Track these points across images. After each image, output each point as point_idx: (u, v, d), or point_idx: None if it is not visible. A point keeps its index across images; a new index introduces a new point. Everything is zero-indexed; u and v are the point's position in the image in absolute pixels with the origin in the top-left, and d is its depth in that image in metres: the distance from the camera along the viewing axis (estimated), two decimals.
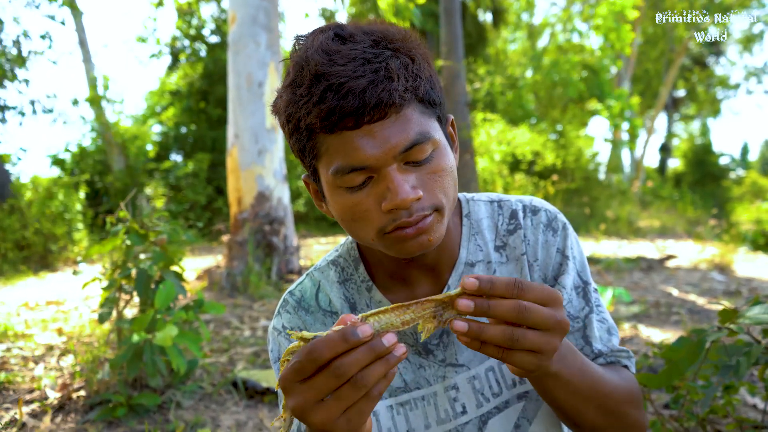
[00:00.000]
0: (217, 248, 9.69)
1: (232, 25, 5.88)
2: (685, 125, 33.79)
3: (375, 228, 0.84)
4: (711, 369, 1.97)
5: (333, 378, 0.64)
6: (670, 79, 20.91)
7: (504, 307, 0.68)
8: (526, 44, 22.19)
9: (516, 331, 0.69)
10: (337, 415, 0.65)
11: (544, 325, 0.70)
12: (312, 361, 0.64)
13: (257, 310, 4.73)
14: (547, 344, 0.70)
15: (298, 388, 0.66)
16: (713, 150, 23.04)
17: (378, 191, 0.82)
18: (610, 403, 0.90)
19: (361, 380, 0.64)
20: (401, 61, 0.80)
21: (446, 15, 10.42)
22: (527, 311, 0.68)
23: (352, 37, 0.81)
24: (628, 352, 1.04)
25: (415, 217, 0.81)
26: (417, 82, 0.81)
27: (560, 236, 1.03)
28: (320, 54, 0.79)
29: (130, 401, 2.61)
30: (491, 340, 0.69)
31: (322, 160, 0.84)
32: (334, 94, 0.76)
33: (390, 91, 0.77)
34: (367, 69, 0.77)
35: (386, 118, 0.78)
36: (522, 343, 0.69)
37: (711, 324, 1.54)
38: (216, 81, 13.48)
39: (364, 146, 0.78)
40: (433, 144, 0.83)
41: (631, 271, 6.75)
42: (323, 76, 0.77)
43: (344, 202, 0.84)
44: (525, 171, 13.05)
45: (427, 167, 0.83)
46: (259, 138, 5.74)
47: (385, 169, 0.80)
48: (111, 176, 11.65)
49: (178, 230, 2.83)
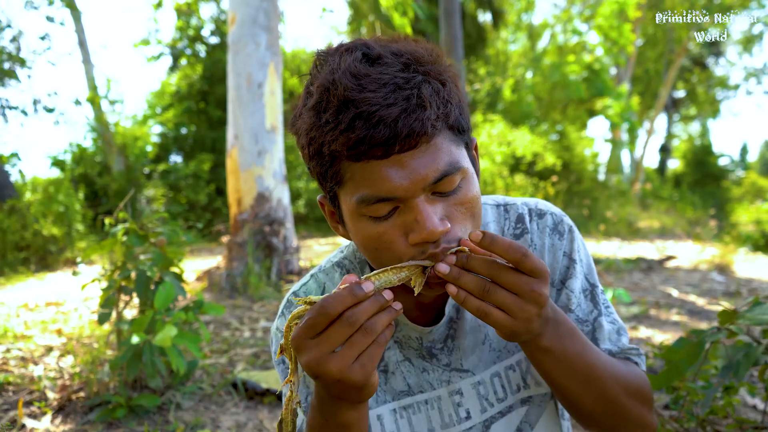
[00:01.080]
0: (217, 249, 9.68)
1: (231, 26, 5.88)
2: (684, 126, 33.78)
3: (402, 260, 0.81)
4: (711, 370, 1.97)
5: (346, 326, 0.70)
6: (669, 80, 20.91)
7: (478, 260, 0.75)
8: (527, 45, 22.20)
9: (488, 284, 0.75)
10: (352, 361, 0.71)
11: (517, 288, 0.75)
12: (325, 314, 0.70)
13: (257, 311, 4.72)
14: (519, 308, 0.75)
15: (311, 343, 0.71)
16: (713, 151, 23.10)
17: (405, 222, 0.79)
18: (611, 392, 0.90)
19: (370, 326, 0.71)
20: (432, 87, 0.77)
21: (446, 16, 10.42)
22: (500, 269, 0.75)
23: (381, 59, 0.77)
24: (638, 349, 1.03)
25: (441, 249, 0.78)
26: (448, 108, 0.78)
27: (567, 239, 1.02)
28: (348, 77, 0.75)
29: (130, 402, 2.60)
30: (466, 286, 0.75)
31: (346, 187, 0.81)
32: (364, 122, 0.73)
33: (422, 120, 0.73)
34: (399, 96, 0.73)
35: (416, 147, 0.75)
36: (492, 297, 0.75)
37: (711, 325, 1.54)
38: (216, 82, 13.48)
39: (393, 177, 0.75)
40: (462, 174, 0.80)
41: (631, 271, 6.75)
42: (352, 102, 0.73)
43: (368, 232, 0.81)
44: (525, 172, 13.05)
45: (455, 198, 0.80)
46: (258, 139, 5.74)
47: (413, 200, 0.77)
48: (110, 177, 11.65)
49: (177, 231, 2.83)
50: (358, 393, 0.74)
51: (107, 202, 11.49)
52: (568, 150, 13.75)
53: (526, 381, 1.02)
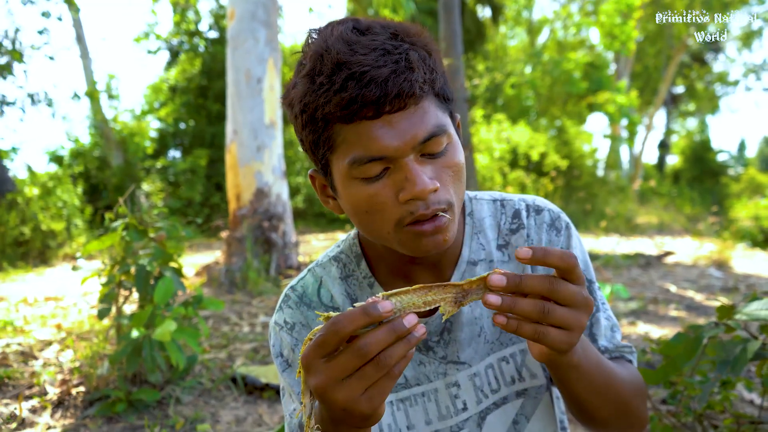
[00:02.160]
0: (216, 244, 9.68)
1: (231, 21, 5.86)
2: (683, 122, 33.78)
3: (392, 220, 0.83)
4: (708, 365, 1.98)
5: (356, 357, 0.65)
6: (668, 76, 20.89)
7: (536, 280, 0.71)
8: (525, 41, 22.17)
9: (546, 304, 0.71)
10: (359, 393, 0.67)
11: (573, 301, 0.72)
12: (334, 333, 0.66)
13: (256, 306, 4.73)
14: (576, 321, 0.73)
15: (321, 366, 0.68)
16: (712, 147, 23.05)
17: (395, 181, 0.81)
18: (621, 397, 0.92)
19: (383, 360, 0.66)
20: (419, 54, 0.80)
21: (445, 11, 10.39)
22: (558, 284, 0.71)
23: (370, 30, 0.81)
24: (631, 347, 1.05)
25: (432, 209, 0.81)
26: (434, 75, 0.81)
27: (564, 236, 1.03)
28: (341, 43, 0.78)
29: (130, 397, 2.61)
30: (523, 312, 0.71)
31: (338, 151, 0.83)
32: (356, 82, 0.75)
33: (411, 81, 0.76)
34: (388, 59, 0.77)
35: (406, 108, 0.78)
36: (552, 316, 0.71)
37: (708, 320, 1.55)
38: (215, 76, 13.45)
39: (383, 136, 0.78)
40: (448, 137, 0.83)
41: (630, 267, 6.77)
42: (345, 64, 0.76)
43: (360, 194, 0.83)
44: (524, 168, 13.05)
45: (442, 160, 0.83)
46: (258, 134, 5.73)
47: (403, 159, 0.79)
48: (109, 172, 11.64)
49: (177, 226, 2.83)
50: (363, 422, 0.72)
51: (106, 197, 11.48)
52: (566, 145, 13.75)
53: (521, 373, 1.03)
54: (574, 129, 14.42)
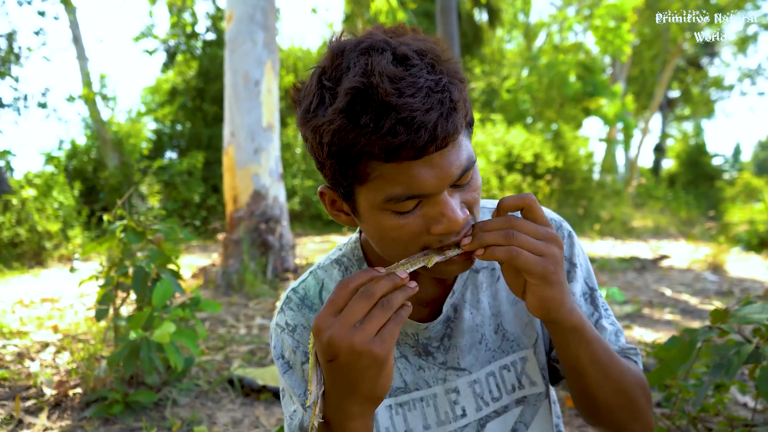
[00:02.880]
0: (212, 246, 9.68)
1: (229, 23, 5.88)
2: (679, 126, 33.89)
3: (419, 246, 0.84)
4: (702, 368, 1.99)
5: (363, 300, 0.75)
6: (664, 80, 20.97)
7: (494, 219, 0.83)
8: (522, 45, 22.23)
9: (509, 231, 0.81)
10: (372, 335, 0.74)
11: (536, 233, 0.82)
12: (343, 287, 0.76)
13: (253, 309, 4.74)
14: (545, 247, 0.81)
15: (333, 320, 0.75)
16: (707, 151, 23.14)
17: (428, 215, 0.81)
18: (624, 383, 0.93)
19: (387, 302, 0.75)
20: (457, 89, 0.78)
21: (442, 14, 10.44)
22: (516, 219, 0.82)
23: (409, 60, 0.77)
24: (636, 349, 1.06)
25: (462, 235, 0.84)
26: (467, 107, 0.81)
27: (567, 244, 1.05)
28: (386, 82, 0.74)
29: (127, 398, 2.62)
30: (489, 240, 0.81)
31: (370, 185, 0.81)
32: (405, 128, 0.73)
33: (456, 123, 0.76)
34: (434, 100, 0.75)
35: (446, 147, 0.78)
36: (517, 239, 0.80)
37: (703, 324, 1.57)
38: (212, 78, 13.44)
39: (424, 175, 0.77)
40: (473, 164, 0.85)
41: (625, 271, 6.79)
42: (394, 108, 0.73)
43: (389, 223, 0.83)
44: (520, 171, 13.08)
45: (468, 187, 0.85)
46: (255, 137, 5.74)
47: (438, 195, 0.80)
48: (106, 173, 11.61)
49: (175, 228, 2.84)
50: (378, 373, 0.76)
51: (102, 199, 11.45)
52: (562, 149, 13.79)
53: (521, 381, 1.05)
54: (570, 133, 14.45)
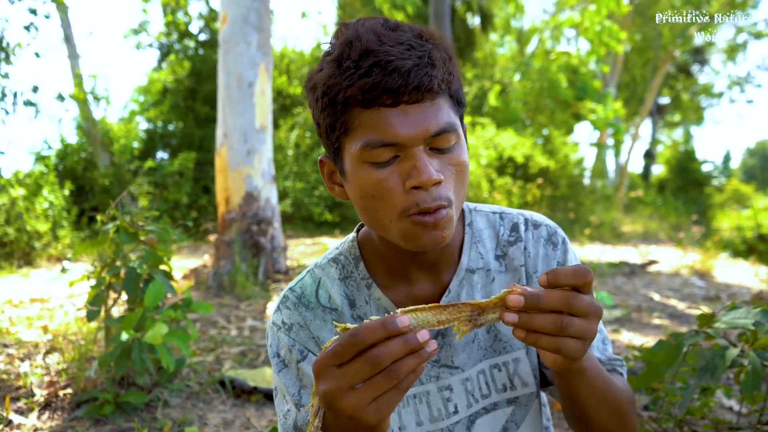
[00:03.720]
0: (203, 247, 9.65)
1: (223, 25, 5.88)
2: (669, 132, 34.15)
3: (397, 208, 0.87)
4: (689, 372, 2.02)
5: (369, 365, 0.67)
6: (655, 86, 21.14)
7: (554, 297, 0.73)
8: (514, 49, 22.34)
9: (565, 319, 0.73)
10: (368, 402, 0.69)
11: (587, 312, 0.75)
12: (353, 344, 0.68)
13: (244, 310, 4.74)
14: (590, 330, 0.75)
15: (333, 372, 0.69)
16: (696, 157, 23.34)
17: (404, 169, 0.85)
18: (618, 404, 0.96)
19: (394, 371, 0.67)
20: (441, 55, 0.86)
21: (436, 18, 10.48)
22: (574, 299, 0.74)
23: (399, 27, 0.87)
24: (622, 360, 1.09)
25: (435, 204, 0.85)
26: (451, 77, 0.87)
27: (560, 250, 1.07)
28: (371, 34, 0.84)
29: (118, 399, 2.61)
30: (541, 328, 0.73)
31: (353, 135, 0.87)
32: (380, 69, 0.81)
33: (431, 76, 0.82)
34: (413, 53, 0.82)
35: (422, 101, 0.83)
36: (569, 329, 0.73)
37: (690, 328, 1.60)
38: (204, 79, 13.41)
39: (398, 124, 0.83)
40: (456, 137, 0.88)
41: (614, 275, 6.84)
42: (372, 52, 0.82)
43: (369, 178, 0.87)
44: (511, 175, 13.14)
45: (449, 157, 0.88)
46: (248, 138, 5.74)
47: (413, 148, 0.84)
48: (96, 173, 11.55)
49: (167, 230, 2.84)
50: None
51: (92, 198, 11.39)
52: (553, 154, 13.86)
53: (512, 382, 1.06)
54: (560, 139, 14.53)
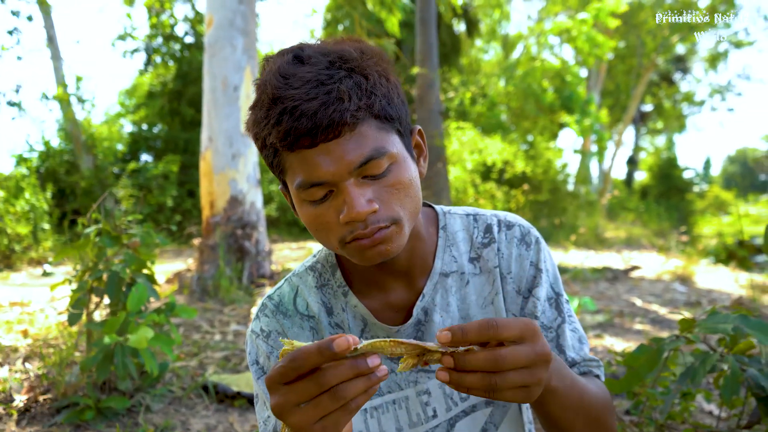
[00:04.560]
0: (187, 251, 9.59)
1: (208, 28, 5.86)
2: (651, 139, 34.57)
3: (336, 238, 0.89)
4: (670, 377, 2.05)
5: (314, 385, 0.68)
6: (638, 94, 21.40)
7: (479, 359, 0.71)
8: (500, 56, 22.49)
9: (493, 377, 0.71)
10: (313, 421, 0.69)
11: (523, 364, 0.72)
12: (293, 368, 0.68)
13: (228, 315, 4.71)
14: (531, 378, 0.73)
15: (281, 389, 0.71)
16: (678, 164, 23.63)
17: (337, 204, 0.86)
18: (594, 413, 0.96)
19: (340, 392, 0.68)
20: (354, 81, 0.84)
21: (422, 24, 10.51)
22: (502, 359, 0.71)
23: (310, 60, 0.85)
24: (598, 361, 1.09)
25: (370, 229, 0.85)
26: (371, 99, 0.85)
27: (533, 250, 1.07)
28: (277, 78, 0.84)
29: (99, 404, 2.58)
30: (471, 386, 0.72)
31: (287, 175, 0.89)
32: (289, 116, 0.81)
33: (341, 111, 0.81)
34: (320, 91, 0.81)
35: (341, 136, 0.82)
36: (503, 386, 0.71)
37: (671, 333, 1.62)
38: (190, 82, 13.35)
39: (321, 163, 0.83)
40: (389, 158, 0.86)
41: (597, 281, 6.90)
42: (279, 99, 0.82)
43: (309, 214, 0.89)
44: (496, 180, 13.21)
45: (385, 181, 0.87)
46: (233, 142, 5.72)
47: (342, 183, 0.84)
48: (78, 175, 11.43)
49: (151, 233, 2.82)
50: None
51: (74, 201, 11.27)
52: (535, 159, 13.96)
53: None
54: (543, 144, 14.64)
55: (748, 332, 1.42)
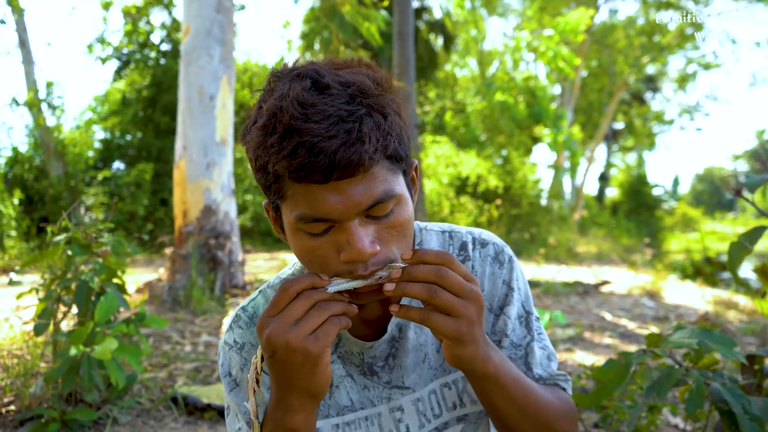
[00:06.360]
0: (158, 261, 9.45)
1: (185, 37, 5.82)
2: (622, 156, 35.26)
3: (331, 273, 0.86)
4: (637, 390, 2.08)
5: (302, 301, 0.82)
6: (610, 112, 21.84)
7: (425, 269, 0.83)
8: (474, 73, 22.76)
9: (433, 287, 0.82)
10: (307, 333, 0.81)
11: (460, 290, 0.83)
12: (285, 292, 0.82)
13: (199, 326, 4.65)
14: (463, 307, 0.83)
15: (272, 320, 0.82)
16: (648, 181, 24.12)
17: (337, 241, 0.84)
18: (545, 417, 0.97)
19: (325, 305, 0.83)
20: (374, 121, 0.81)
21: (399, 38, 10.60)
22: (445, 273, 0.83)
23: (329, 89, 0.81)
24: (566, 375, 1.11)
25: (370, 270, 0.84)
26: (387, 140, 0.83)
27: (507, 269, 1.08)
28: (295, 107, 0.79)
29: (64, 416, 2.53)
30: (413, 294, 0.83)
31: (287, 203, 0.86)
32: (306, 151, 0.77)
33: (360, 153, 0.78)
34: (341, 129, 0.77)
35: (354, 176, 0.80)
36: (439, 298, 0.82)
37: (639, 347, 1.65)
38: (165, 90, 13.22)
39: (330, 200, 0.80)
40: (396, 200, 0.85)
41: (569, 295, 6.98)
42: (297, 131, 0.78)
43: (304, 244, 0.87)
44: (471, 194, 13.31)
45: (387, 222, 0.86)
46: (208, 151, 5.68)
47: (347, 222, 0.82)
48: (47, 182, 11.21)
49: (122, 242, 2.78)
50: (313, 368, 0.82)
51: (43, 208, 11.04)
52: (510, 174, 14.11)
53: (462, 399, 1.08)
54: (518, 159, 14.81)
55: (713, 347, 1.45)
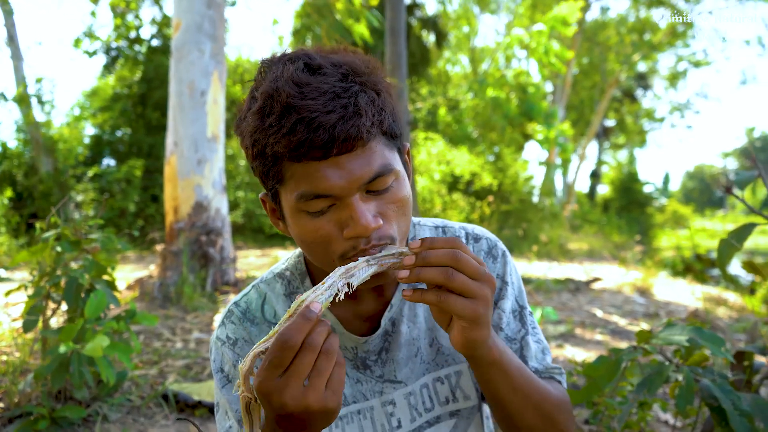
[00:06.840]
0: (149, 257, 9.40)
1: (176, 32, 5.78)
2: (613, 153, 35.41)
3: (336, 253, 0.87)
4: (628, 386, 2.09)
5: (309, 353, 0.72)
6: (601, 109, 21.93)
7: (441, 253, 0.80)
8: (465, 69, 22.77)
9: (449, 270, 0.79)
10: (323, 389, 0.73)
11: (475, 272, 0.81)
12: (289, 348, 0.71)
13: (190, 322, 4.63)
14: (479, 289, 0.80)
15: (281, 383, 0.72)
16: (639, 178, 24.21)
17: (340, 218, 0.85)
18: (546, 406, 0.97)
19: (329, 348, 0.74)
20: (368, 96, 0.83)
21: (391, 34, 10.56)
22: (461, 256, 0.80)
23: (321, 69, 0.83)
24: (560, 369, 1.11)
25: (371, 245, 0.85)
26: (382, 116, 0.84)
27: (500, 263, 1.09)
28: (291, 86, 0.81)
29: (53, 414, 2.51)
30: (428, 278, 0.79)
31: (286, 185, 0.86)
32: (305, 127, 0.78)
33: (358, 126, 0.80)
34: (337, 104, 0.79)
35: (353, 150, 0.81)
36: (456, 281, 0.79)
37: (630, 344, 1.65)
38: (155, 85, 13.14)
39: (330, 176, 0.81)
40: (394, 175, 0.87)
41: (560, 291, 7.00)
42: (294, 108, 0.79)
43: (306, 226, 0.87)
44: (463, 191, 13.33)
45: (387, 197, 0.87)
46: (199, 147, 5.65)
47: (348, 198, 0.83)
48: (37, 178, 11.12)
49: (112, 238, 2.76)
50: (330, 418, 0.76)
51: (32, 204, 10.96)
52: (502, 171, 14.14)
53: (454, 394, 1.08)
54: (510, 156, 14.84)
55: (702, 344, 1.46)
